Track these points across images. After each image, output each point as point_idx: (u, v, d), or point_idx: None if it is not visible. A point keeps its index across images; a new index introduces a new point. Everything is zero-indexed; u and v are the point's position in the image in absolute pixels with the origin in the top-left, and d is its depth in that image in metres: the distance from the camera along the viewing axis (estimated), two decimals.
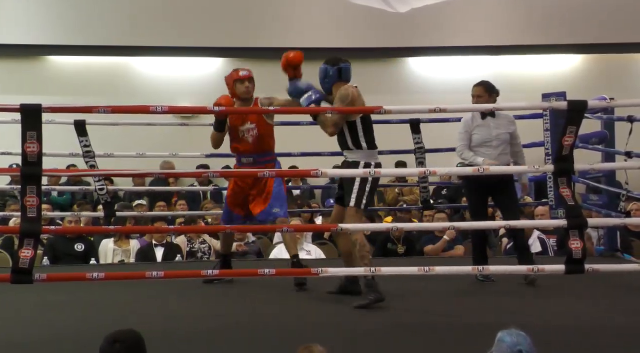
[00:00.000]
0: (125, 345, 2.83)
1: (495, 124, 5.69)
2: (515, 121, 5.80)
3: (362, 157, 5.00)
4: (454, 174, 6.86)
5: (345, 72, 5.09)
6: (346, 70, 5.09)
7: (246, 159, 5.55)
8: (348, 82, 5.08)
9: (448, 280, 5.29)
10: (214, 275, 4.89)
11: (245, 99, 5.54)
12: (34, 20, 10.88)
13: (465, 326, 4.38)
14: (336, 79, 5.07)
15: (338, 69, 5.08)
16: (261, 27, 11.11)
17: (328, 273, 4.42)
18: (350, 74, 5.11)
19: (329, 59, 5.17)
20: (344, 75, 5.08)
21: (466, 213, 8.68)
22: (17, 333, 4.28)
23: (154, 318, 4.56)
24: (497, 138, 5.65)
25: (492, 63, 11.37)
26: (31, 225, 3.95)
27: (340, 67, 5.08)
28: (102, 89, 10.78)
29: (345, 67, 5.09)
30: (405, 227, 6.44)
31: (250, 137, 5.50)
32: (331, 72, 5.08)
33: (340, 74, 5.07)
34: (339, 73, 5.07)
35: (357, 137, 4.99)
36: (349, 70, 5.10)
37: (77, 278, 4.76)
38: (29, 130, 3.92)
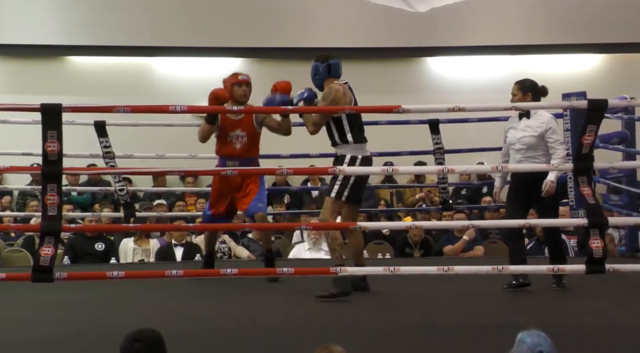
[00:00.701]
0: (145, 344, 2.84)
1: (524, 126, 5.28)
2: (549, 121, 5.26)
3: (348, 150, 5.09)
4: (472, 172, 6.83)
5: (335, 67, 5.16)
6: (335, 66, 5.16)
7: (231, 162, 5.65)
8: (338, 77, 5.17)
9: (468, 280, 5.27)
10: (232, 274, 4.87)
11: (241, 102, 5.60)
12: (55, 21, 10.94)
13: (485, 326, 4.35)
14: (326, 75, 5.15)
15: (327, 65, 5.15)
16: (280, 27, 11.11)
17: (346, 272, 4.42)
18: (340, 69, 5.19)
19: (318, 56, 5.22)
20: (333, 71, 5.15)
21: (486, 213, 8.66)
22: (37, 331, 4.30)
23: (172, 317, 4.56)
24: (519, 141, 5.25)
25: (512, 62, 11.31)
26: (51, 223, 3.99)
27: (330, 63, 5.15)
28: (122, 89, 10.83)
29: (334, 63, 5.16)
30: (424, 225, 6.41)
31: (239, 143, 5.64)
32: (321, 68, 5.15)
33: (330, 70, 5.14)
34: (328, 69, 5.14)
35: (343, 131, 5.09)
36: (338, 65, 5.18)
37: (97, 276, 4.79)
38: (49, 130, 3.95)
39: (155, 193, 9.66)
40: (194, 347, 3.94)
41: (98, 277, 4.72)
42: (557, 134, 5.23)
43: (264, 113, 5.62)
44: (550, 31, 11.25)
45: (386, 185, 10.23)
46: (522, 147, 5.25)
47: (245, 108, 5.42)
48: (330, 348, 2.84)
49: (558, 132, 5.26)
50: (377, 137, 9.37)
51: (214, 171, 5.64)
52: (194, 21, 10.99)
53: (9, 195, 9.97)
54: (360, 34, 11.25)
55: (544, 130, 5.19)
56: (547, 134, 5.19)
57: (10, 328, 4.37)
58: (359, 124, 5.15)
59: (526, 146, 5.24)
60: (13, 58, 10.96)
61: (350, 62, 11.16)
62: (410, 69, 11.52)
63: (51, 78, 10.88)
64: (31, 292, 4.95)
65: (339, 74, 5.18)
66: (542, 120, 5.24)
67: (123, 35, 10.89)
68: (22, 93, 10.24)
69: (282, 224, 8.82)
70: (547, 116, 5.30)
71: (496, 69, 11.24)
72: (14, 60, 10.97)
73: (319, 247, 7.57)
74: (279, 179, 10.05)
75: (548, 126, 5.20)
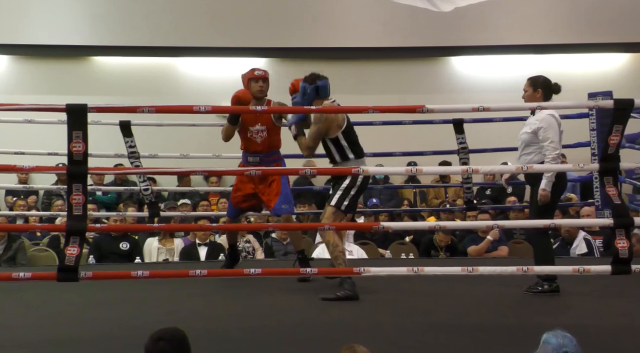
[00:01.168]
0: (169, 343, 2.85)
1: (527, 123, 5.36)
2: (546, 119, 5.20)
3: (351, 166, 5.15)
4: (496, 172, 6.79)
5: (323, 89, 5.22)
6: (323, 88, 5.22)
7: (252, 157, 5.72)
8: (326, 97, 5.23)
9: (491, 280, 5.25)
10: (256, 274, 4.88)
11: (258, 98, 5.65)
12: (79, 21, 11.02)
13: (509, 327, 4.34)
14: (314, 96, 5.21)
15: (315, 87, 5.21)
16: (303, 27, 11.13)
17: (370, 273, 4.41)
18: (328, 90, 5.24)
19: (307, 77, 5.27)
20: (321, 93, 5.22)
21: (510, 213, 8.62)
22: (62, 330, 4.33)
23: (196, 316, 4.58)
24: (519, 138, 5.36)
25: (537, 62, 11.23)
26: (77, 222, 4.00)
27: (317, 85, 5.21)
28: (146, 89, 10.89)
29: (322, 85, 5.21)
30: (447, 226, 6.39)
31: (259, 137, 5.68)
32: (308, 90, 5.22)
33: (318, 92, 5.21)
34: (316, 91, 5.21)
35: (342, 150, 5.23)
36: (326, 87, 5.23)
37: (122, 276, 4.81)
38: (74, 130, 3.97)
39: (179, 193, 9.71)
40: (218, 346, 3.96)
41: (123, 277, 4.75)
42: (549, 133, 5.15)
43: (288, 113, 5.63)
44: (576, 30, 11.18)
45: (410, 185, 10.22)
46: (521, 144, 5.35)
47: (268, 108, 5.44)
48: (355, 348, 2.84)
49: (552, 132, 5.16)
50: (400, 137, 9.49)
51: (238, 171, 5.66)
52: (217, 21, 11.03)
53: (34, 195, 10.07)
54: (384, 33, 11.24)
55: (537, 128, 5.20)
56: (539, 131, 5.19)
57: (35, 327, 4.41)
58: (355, 140, 5.28)
59: (523, 143, 5.32)
60: (39, 58, 11.05)
61: (373, 62, 11.34)
62: (434, 69, 11.49)
63: (76, 78, 10.97)
64: (57, 291, 5.00)
65: (327, 95, 5.24)
66: (538, 118, 5.24)
67: (147, 36, 10.95)
68: (47, 93, 10.34)
69: (305, 224, 8.81)
70: (544, 114, 5.24)
71: (520, 69, 11.15)
72: (40, 61, 11.06)
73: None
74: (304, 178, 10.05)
75: (541, 124, 5.18)
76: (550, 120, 5.20)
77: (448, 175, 9.92)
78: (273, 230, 7.77)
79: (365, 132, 5.27)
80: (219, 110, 4.83)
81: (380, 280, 5.23)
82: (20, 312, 4.85)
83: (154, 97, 10.17)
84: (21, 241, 7.76)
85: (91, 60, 11.30)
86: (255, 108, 5.25)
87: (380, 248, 8.14)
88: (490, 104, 4.52)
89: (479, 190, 9.69)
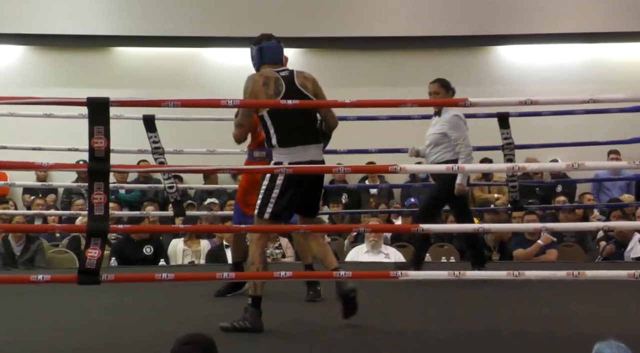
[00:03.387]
0: (197, 348, 2.87)
1: (434, 123, 5.89)
2: (452, 121, 5.79)
3: (274, 156, 4.52)
4: (544, 170, 6.74)
5: (267, 51, 4.66)
6: (268, 49, 4.67)
7: (259, 152, 5.43)
8: (274, 63, 4.66)
9: (539, 286, 5.21)
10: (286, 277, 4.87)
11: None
12: (100, 10, 11.10)
13: (560, 335, 4.31)
14: (259, 60, 4.67)
15: (259, 48, 4.68)
16: (334, 16, 11.09)
17: (407, 277, 4.40)
18: (275, 53, 4.70)
19: (255, 38, 4.77)
20: (265, 56, 4.66)
21: (559, 213, 8.55)
22: (81, 336, 4.38)
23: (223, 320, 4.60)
24: (427, 137, 5.87)
25: (588, 51, 11.13)
26: (98, 223, 4.00)
27: (262, 46, 4.67)
28: (170, 80, 10.94)
29: (266, 46, 4.66)
30: (491, 228, 6.35)
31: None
32: (253, 51, 4.71)
33: (262, 54, 4.66)
34: (260, 53, 4.67)
35: (268, 133, 4.50)
36: (272, 48, 4.69)
37: (145, 279, 4.84)
38: (96, 125, 3.96)
39: (206, 192, 9.74)
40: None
41: (146, 280, 4.78)
42: (458, 132, 5.69)
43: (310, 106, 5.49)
44: (629, 17, 11.03)
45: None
46: (429, 144, 5.87)
47: (300, 102, 5.38)
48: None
49: (460, 132, 5.73)
50: None
51: (268, 169, 5.64)
52: (243, 10, 11.04)
53: (53, 193, 10.14)
54: (422, 21, 11.18)
55: (446, 129, 5.74)
56: (448, 132, 5.71)
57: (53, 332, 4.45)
58: (292, 123, 4.48)
59: (432, 143, 5.84)
60: (58, 49, 11.16)
61: (410, 52, 11.27)
62: (475, 59, 11.40)
63: (97, 70, 11.07)
64: (78, 294, 5.05)
65: (275, 59, 4.67)
66: (445, 119, 5.78)
67: (171, 26, 11.00)
68: (67, 86, 10.45)
69: (338, 226, 8.82)
70: (451, 114, 5.69)
71: (572, 58, 11.07)
72: (60, 51, 11.17)
73: (378, 249, 7.56)
74: (336, 177, 10.05)
75: (449, 125, 5.69)
76: (457, 120, 5.78)
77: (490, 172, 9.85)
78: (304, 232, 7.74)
79: (402, 127, 5.25)
80: (248, 104, 4.81)
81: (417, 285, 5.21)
82: (38, 317, 4.91)
83: (177, 89, 10.24)
84: (40, 242, 7.85)
85: (113, 50, 11.38)
86: (287, 102, 5.21)
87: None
88: (538, 96, 4.47)
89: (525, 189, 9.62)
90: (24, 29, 10.91)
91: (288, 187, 4.43)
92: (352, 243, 8.21)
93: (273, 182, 4.45)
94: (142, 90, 10.23)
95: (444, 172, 5.60)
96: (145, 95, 9.78)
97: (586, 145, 7.32)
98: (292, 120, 4.48)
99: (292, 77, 4.57)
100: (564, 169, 5.89)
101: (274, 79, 4.52)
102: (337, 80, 10.79)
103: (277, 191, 4.45)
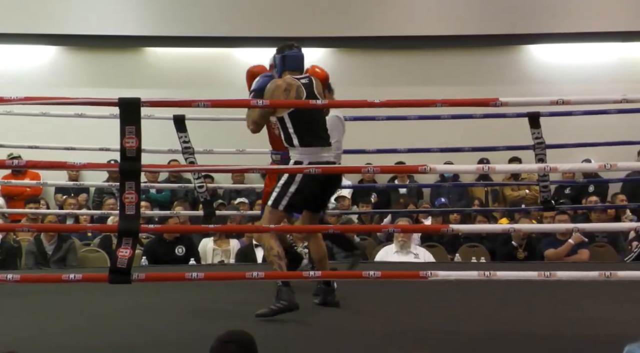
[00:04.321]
0: (239, 345, 2.86)
1: None
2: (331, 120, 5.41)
3: (294, 155, 4.81)
4: (577, 170, 6.68)
5: (290, 59, 4.89)
6: (291, 58, 4.90)
7: (275, 155, 5.58)
8: (296, 70, 4.89)
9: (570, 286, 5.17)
10: (315, 277, 4.89)
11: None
12: (131, 10, 11.18)
13: (589, 337, 4.28)
14: (282, 67, 4.89)
15: (282, 56, 4.90)
16: (364, 16, 11.07)
17: (437, 277, 4.38)
18: (298, 61, 4.92)
19: (278, 46, 4.99)
20: (288, 63, 4.88)
21: (592, 214, 8.49)
22: (113, 336, 4.41)
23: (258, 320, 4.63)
24: None
25: (620, 49, 11.03)
26: (129, 222, 4.02)
27: (285, 54, 4.90)
28: (201, 81, 11.00)
29: (290, 55, 4.90)
30: (522, 228, 6.32)
31: (277, 129, 5.27)
32: (277, 60, 4.93)
33: (284, 62, 4.89)
34: (283, 61, 4.89)
35: (287, 134, 4.80)
36: (295, 57, 4.91)
37: (176, 278, 4.88)
38: (127, 125, 3.98)
39: (235, 191, 9.78)
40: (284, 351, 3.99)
41: (177, 279, 4.81)
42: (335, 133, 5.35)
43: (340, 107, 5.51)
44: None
45: (481, 183, 10.11)
46: None
47: (329, 102, 5.38)
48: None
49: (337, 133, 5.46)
50: (470, 132, 9.40)
51: (298, 168, 5.64)
52: (273, 10, 11.07)
53: (85, 193, 10.23)
54: (453, 20, 11.14)
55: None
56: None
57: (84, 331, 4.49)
58: (311, 125, 4.81)
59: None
60: (90, 49, 11.26)
61: (441, 51, 11.24)
62: (509, 58, 11.35)
63: (128, 70, 11.15)
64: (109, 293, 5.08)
65: (297, 67, 4.91)
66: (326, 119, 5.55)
67: (202, 26, 11.06)
68: (99, 86, 10.55)
69: (367, 226, 8.82)
70: (331, 115, 5.44)
71: (604, 57, 10.97)
72: (91, 52, 11.27)
73: (407, 249, 7.55)
74: (366, 176, 10.05)
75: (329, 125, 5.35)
76: (336, 121, 5.54)
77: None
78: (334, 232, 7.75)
79: (432, 127, 5.23)
80: (278, 105, 4.83)
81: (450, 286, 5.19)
82: (71, 316, 4.96)
83: (208, 89, 10.26)
84: (72, 241, 7.93)
85: (144, 51, 11.46)
86: (316, 102, 5.22)
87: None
88: (570, 96, 4.44)
89: (557, 189, 9.56)
90: (56, 29, 11.01)
91: (307, 183, 4.70)
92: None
93: (292, 177, 4.72)
94: (172, 91, 10.30)
95: (467, 172, 5.47)
96: (175, 96, 9.91)
97: (619, 145, 7.26)
98: (312, 123, 4.81)
99: (312, 85, 4.85)
100: (596, 169, 5.86)
101: (295, 86, 4.77)
102: (368, 80, 10.80)
103: (294, 186, 4.73)
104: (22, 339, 4.22)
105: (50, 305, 5.25)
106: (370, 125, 7.75)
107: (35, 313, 5.07)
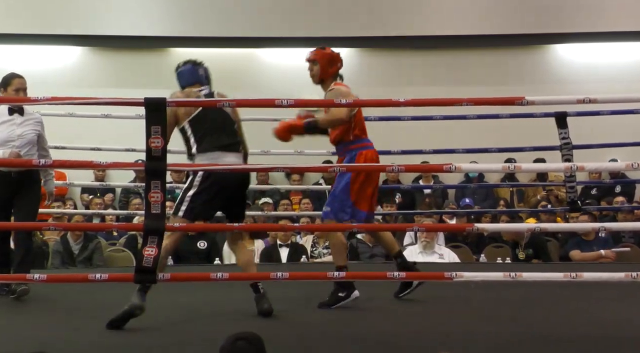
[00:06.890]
0: (249, 342, 2.91)
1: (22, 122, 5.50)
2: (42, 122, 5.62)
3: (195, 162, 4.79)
4: (603, 169, 6.63)
5: (180, 76, 5.03)
6: (180, 75, 5.03)
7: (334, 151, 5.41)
8: (195, 84, 4.97)
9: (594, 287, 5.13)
10: (339, 278, 4.87)
11: (315, 83, 5.36)
12: (157, 11, 11.24)
13: (616, 338, 4.24)
14: (180, 84, 5.00)
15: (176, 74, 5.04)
16: (388, 15, 11.06)
17: (462, 278, 4.37)
18: (188, 77, 4.99)
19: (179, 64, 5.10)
20: (181, 80, 5.00)
21: (618, 214, 8.42)
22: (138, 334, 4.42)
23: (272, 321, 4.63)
24: (21, 137, 5.45)
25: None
26: (155, 221, 4.05)
27: (177, 71, 5.04)
28: (226, 81, 10.82)
29: (179, 72, 5.03)
30: (548, 228, 6.29)
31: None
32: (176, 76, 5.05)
33: (178, 80, 5.01)
34: (177, 79, 5.02)
35: (188, 142, 4.81)
36: (183, 74, 5.02)
37: (201, 278, 4.89)
38: (153, 125, 4.00)
39: (259, 191, 9.80)
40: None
41: (202, 279, 4.83)
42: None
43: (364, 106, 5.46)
44: None
45: (506, 184, 10.06)
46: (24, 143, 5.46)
47: (355, 101, 5.32)
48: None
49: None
50: (497, 132, 9.35)
51: (321, 168, 5.65)
52: (298, 11, 11.08)
53: (111, 193, 10.30)
54: (480, 19, 11.10)
55: (41, 129, 5.57)
56: (43, 132, 5.58)
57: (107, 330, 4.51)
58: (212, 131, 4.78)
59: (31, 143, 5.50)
60: (116, 50, 11.33)
61: (467, 51, 11.19)
62: (536, 58, 11.30)
63: (154, 70, 11.17)
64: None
65: (189, 82, 4.97)
66: (38, 120, 5.59)
67: (227, 27, 11.09)
68: (124, 86, 10.61)
69: (390, 225, 8.78)
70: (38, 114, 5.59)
71: (631, 56, 10.89)
72: (117, 52, 11.34)
73: (431, 250, 7.53)
74: (390, 176, 10.02)
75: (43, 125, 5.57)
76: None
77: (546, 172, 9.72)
78: (358, 231, 7.76)
79: (458, 126, 5.20)
80: (303, 104, 4.83)
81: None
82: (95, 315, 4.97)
83: (234, 90, 10.18)
84: (98, 241, 7.97)
85: (169, 51, 11.49)
86: (340, 101, 5.18)
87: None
88: (597, 95, 4.40)
89: (583, 189, 9.49)
90: (82, 30, 11.09)
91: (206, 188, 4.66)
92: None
93: (191, 182, 4.68)
94: None
95: (492, 171, 5.41)
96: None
97: None
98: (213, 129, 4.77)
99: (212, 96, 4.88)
100: (623, 168, 5.80)
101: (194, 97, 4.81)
102: (394, 79, 10.78)
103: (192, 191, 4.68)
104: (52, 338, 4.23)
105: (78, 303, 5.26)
106: (396, 125, 7.71)
107: (60, 312, 5.08)
